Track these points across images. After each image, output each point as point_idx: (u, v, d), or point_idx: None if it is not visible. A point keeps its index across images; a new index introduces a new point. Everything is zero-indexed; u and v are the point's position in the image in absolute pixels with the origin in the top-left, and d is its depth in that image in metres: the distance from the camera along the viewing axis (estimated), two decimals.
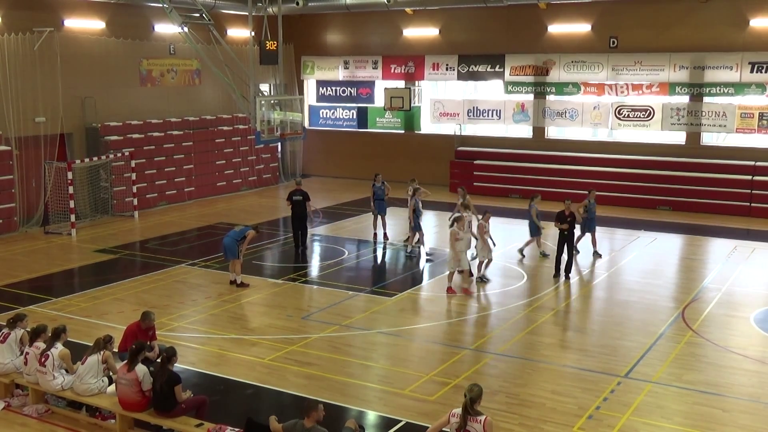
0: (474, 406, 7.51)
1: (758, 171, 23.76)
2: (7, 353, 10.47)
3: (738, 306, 14.63)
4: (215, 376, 11.34)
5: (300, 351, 12.29)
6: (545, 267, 17.57)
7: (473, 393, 7.53)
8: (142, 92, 25.60)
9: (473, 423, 7.45)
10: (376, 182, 19.84)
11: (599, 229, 18.90)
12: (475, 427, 7.43)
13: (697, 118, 24.65)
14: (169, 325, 13.56)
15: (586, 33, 26.06)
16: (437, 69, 28.59)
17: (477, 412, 7.51)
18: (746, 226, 22.14)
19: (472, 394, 7.52)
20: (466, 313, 14.49)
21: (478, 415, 7.48)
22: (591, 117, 26.12)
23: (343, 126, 31.15)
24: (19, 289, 15.85)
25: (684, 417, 10.04)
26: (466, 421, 7.46)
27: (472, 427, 7.44)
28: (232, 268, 16.02)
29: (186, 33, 21.06)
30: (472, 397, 7.51)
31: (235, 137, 28.04)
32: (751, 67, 23.62)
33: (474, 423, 7.45)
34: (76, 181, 21.55)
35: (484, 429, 7.43)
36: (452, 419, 7.62)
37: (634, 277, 16.76)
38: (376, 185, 19.81)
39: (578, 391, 10.77)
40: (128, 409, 9.37)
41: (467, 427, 7.46)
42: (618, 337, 13.04)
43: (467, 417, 7.46)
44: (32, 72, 21.78)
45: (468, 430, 7.45)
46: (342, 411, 10.02)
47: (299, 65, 31.20)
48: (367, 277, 17.48)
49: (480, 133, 28.66)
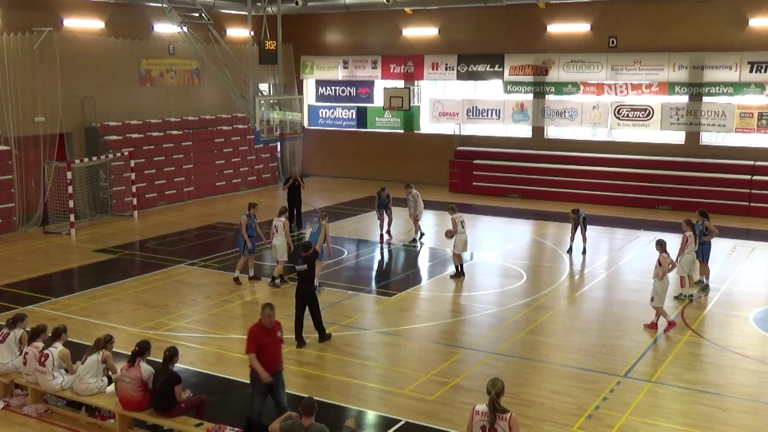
0: (499, 400, 7.05)
1: (757, 170, 23.77)
2: (7, 353, 10.47)
3: (737, 305, 14.64)
4: (215, 376, 11.35)
5: (300, 351, 12.29)
6: (545, 266, 17.58)
7: (497, 387, 7.06)
8: (142, 92, 25.60)
9: (500, 421, 6.99)
10: (381, 195, 19.98)
11: (599, 228, 18.88)
12: (502, 425, 7.00)
13: (697, 117, 24.66)
14: (168, 324, 13.56)
15: (585, 33, 26.06)
16: (437, 69, 28.59)
17: (503, 408, 7.06)
18: (745, 225, 22.15)
19: (496, 388, 7.05)
20: (465, 313, 14.49)
21: (504, 413, 7.04)
22: (590, 117, 26.12)
23: (342, 126, 31.15)
24: (19, 289, 15.85)
25: (683, 416, 10.04)
26: (495, 419, 7.00)
27: (499, 425, 7.00)
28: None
29: (185, 33, 21.07)
30: (497, 391, 7.04)
31: (235, 137, 28.04)
32: (751, 67, 23.64)
33: (500, 421, 7.00)
34: (76, 180, 21.54)
35: (509, 425, 6.99)
36: (476, 417, 7.13)
37: (633, 277, 16.76)
38: (382, 197, 19.95)
39: (578, 391, 10.78)
40: (128, 408, 9.37)
41: (495, 426, 7.02)
42: (617, 336, 13.05)
43: (496, 415, 7.00)
44: (31, 72, 21.78)
45: (495, 429, 7.03)
46: (342, 411, 10.02)
47: (299, 65, 31.20)
48: (367, 277, 17.48)
49: (479, 132, 28.66)
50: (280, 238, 16.00)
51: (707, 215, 15.48)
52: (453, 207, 17.03)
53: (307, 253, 12.72)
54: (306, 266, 12.54)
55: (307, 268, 12.55)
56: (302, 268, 12.52)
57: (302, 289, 12.56)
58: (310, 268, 12.63)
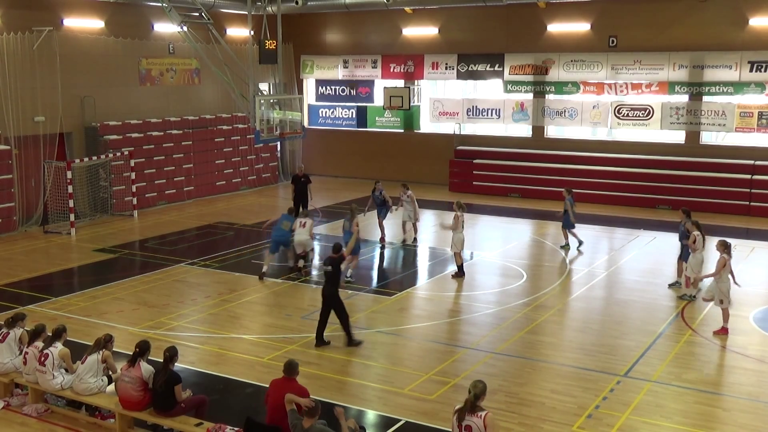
0: (477, 402, 7.45)
1: (757, 170, 23.77)
2: (7, 353, 10.47)
3: (737, 305, 14.60)
4: (215, 376, 11.35)
5: (299, 350, 12.29)
6: (545, 266, 17.57)
7: (477, 389, 7.49)
8: (142, 91, 25.60)
9: (473, 417, 7.38)
10: (375, 191, 19.89)
11: (599, 228, 18.93)
12: (475, 422, 7.36)
13: (697, 117, 24.66)
14: (168, 324, 13.56)
15: (585, 32, 26.06)
16: (436, 68, 28.59)
17: (479, 408, 7.44)
18: (745, 225, 22.16)
19: (477, 390, 7.48)
20: (465, 312, 14.49)
21: (479, 411, 7.41)
22: (590, 116, 26.12)
23: (342, 125, 31.15)
24: (19, 289, 15.85)
25: (683, 416, 10.04)
26: (464, 415, 7.40)
27: (471, 421, 7.37)
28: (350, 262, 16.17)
29: (185, 32, 21.06)
30: (476, 393, 7.45)
31: (235, 136, 28.03)
32: (751, 66, 23.63)
33: (474, 417, 7.38)
34: (76, 180, 21.54)
35: (485, 424, 7.35)
36: (455, 416, 7.53)
37: (633, 276, 16.77)
38: (375, 194, 19.85)
39: (578, 390, 10.78)
40: (128, 407, 9.37)
41: (466, 422, 7.39)
42: (617, 336, 13.05)
43: (466, 412, 7.41)
44: (31, 71, 21.78)
45: (468, 425, 7.38)
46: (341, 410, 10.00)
47: (298, 64, 31.20)
48: (367, 277, 17.47)
49: (479, 132, 28.67)
50: (304, 234, 16.65)
51: (689, 214, 15.62)
52: (462, 206, 16.81)
53: (336, 255, 12.55)
54: (331, 268, 12.37)
55: (332, 269, 12.38)
56: (327, 269, 12.40)
57: (326, 291, 12.44)
58: (335, 270, 12.45)
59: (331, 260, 12.46)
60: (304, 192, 21.50)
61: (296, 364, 8.90)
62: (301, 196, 21.51)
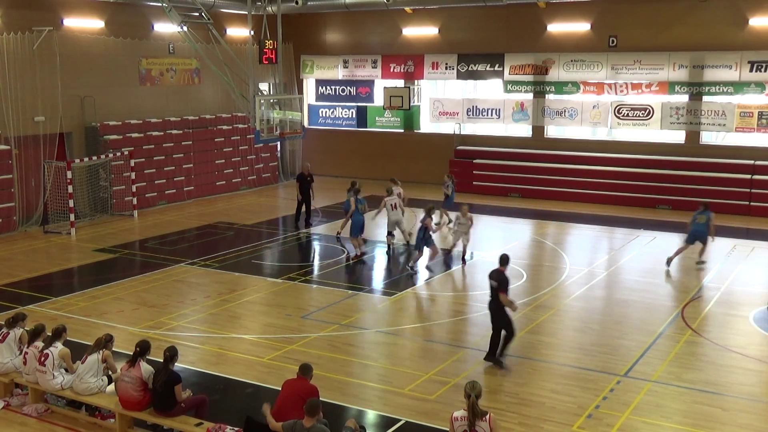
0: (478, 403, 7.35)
1: (757, 170, 23.76)
2: (7, 353, 10.47)
3: (737, 305, 14.64)
4: (215, 376, 11.34)
5: (299, 350, 12.29)
6: (545, 266, 17.56)
7: (476, 390, 7.37)
8: (142, 91, 25.59)
9: (481, 422, 7.24)
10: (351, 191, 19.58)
11: (599, 228, 18.92)
12: (483, 426, 7.23)
13: (697, 117, 24.65)
14: (168, 324, 13.56)
15: (585, 32, 26.05)
16: (436, 68, 28.58)
17: (482, 411, 7.34)
18: (745, 225, 22.15)
19: (476, 391, 7.36)
20: (465, 312, 14.49)
21: (483, 414, 7.31)
22: (590, 116, 26.11)
23: (342, 125, 31.14)
24: (19, 289, 15.84)
25: (683, 416, 10.04)
26: (475, 421, 7.24)
27: (480, 427, 7.24)
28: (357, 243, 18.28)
29: (185, 32, 21.05)
30: (476, 395, 7.34)
31: (235, 136, 28.03)
32: (751, 66, 23.63)
33: (481, 422, 7.25)
34: (76, 180, 21.53)
35: (491, 427, 7.24)
36: (456, 423, 7.41)
37: (633, 276, 16.76)
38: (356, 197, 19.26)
39: (578, 390, 10.77)
40: (128, 407, 9.37)
41: (475, 428, 7.25)
42: (617, 336, 13.05)
43: (475, 417, 7.25)
44: (31, 71, 21.77)
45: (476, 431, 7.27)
46: (342, 410, 10.02)
47: (298, 64, 31.19)
48: (367, 277, 17.47)
49: (479, 132, 28.66)
50: (397, 214, 18.24)
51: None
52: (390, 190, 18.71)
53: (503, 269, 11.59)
54: (496, 283, 11.51)
55: (497, 285, 11.50)
56: (493, 284, 11.59)
57: (491, 306, 11.76)
58: (501, 287, 11.46)
59: (497, 273, 11.56)
60: (307, 193, 21.97)
61: (311, 367, 9.01)
62: (307, 194, 21.95)
